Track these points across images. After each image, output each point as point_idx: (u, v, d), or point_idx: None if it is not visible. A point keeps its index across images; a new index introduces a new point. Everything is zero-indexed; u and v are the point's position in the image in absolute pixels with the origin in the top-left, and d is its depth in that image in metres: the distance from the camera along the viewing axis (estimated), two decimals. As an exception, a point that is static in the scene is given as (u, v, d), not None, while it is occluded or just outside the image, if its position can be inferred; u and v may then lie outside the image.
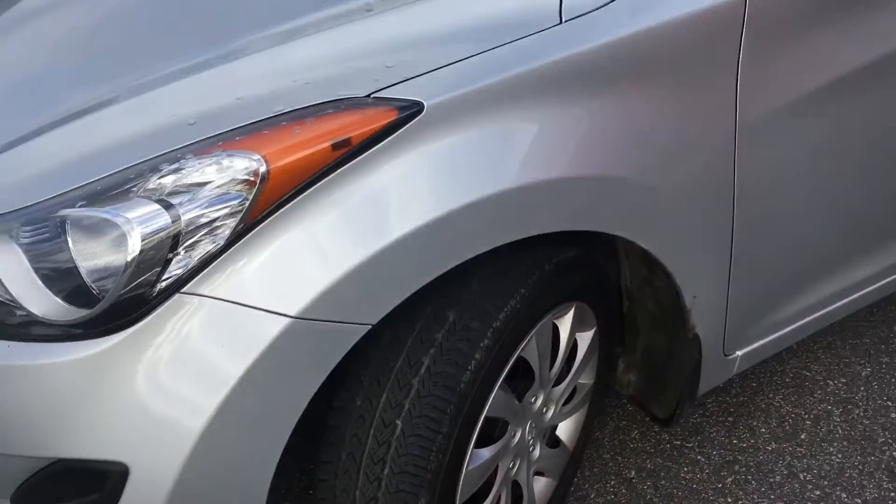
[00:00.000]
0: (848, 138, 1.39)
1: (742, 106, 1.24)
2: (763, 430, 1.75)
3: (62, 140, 1.09)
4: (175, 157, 0.99)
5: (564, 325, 1.33)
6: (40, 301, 1.01)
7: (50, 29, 1.52)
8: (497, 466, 1.31)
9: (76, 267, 1.00)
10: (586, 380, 1.50)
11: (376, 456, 1.11)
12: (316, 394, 1.05)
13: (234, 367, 0.98)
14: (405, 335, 1.12)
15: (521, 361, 1.25)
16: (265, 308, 0.98)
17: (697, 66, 1.19)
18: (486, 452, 1.24)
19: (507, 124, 1.08)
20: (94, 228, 0.99)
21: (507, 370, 1.18)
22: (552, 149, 1.11)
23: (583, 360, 1.43)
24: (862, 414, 1.78)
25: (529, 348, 1.23)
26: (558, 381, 1.40)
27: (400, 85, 1.03)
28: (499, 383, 1.17)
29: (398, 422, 1.09)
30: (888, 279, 1.71)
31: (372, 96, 1.02)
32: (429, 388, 1.09)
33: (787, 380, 1.88)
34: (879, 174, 1.49)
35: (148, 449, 1.01)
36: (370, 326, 1.03)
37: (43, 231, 1.02)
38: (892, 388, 1.84)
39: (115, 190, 0.99)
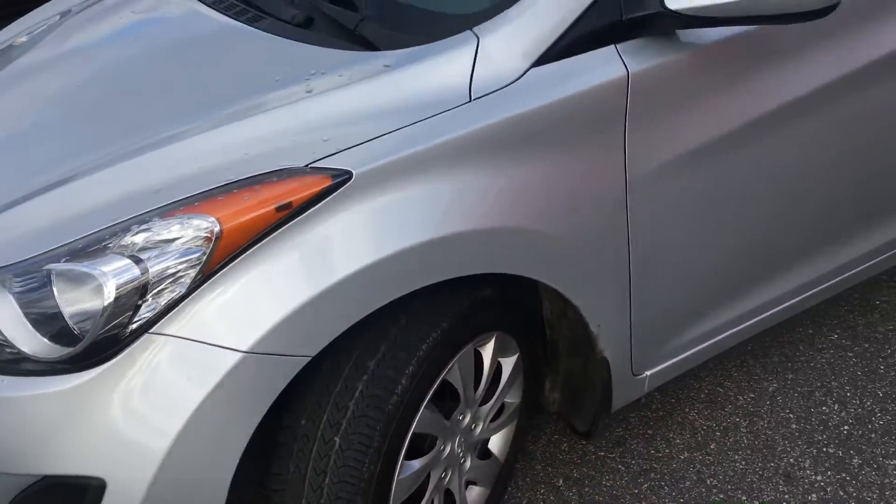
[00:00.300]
0: (729, 186, 1.61)
1: (630, 163, 1.46)
2: (678, 441, 1.96)
3: (50, 204, 1.28)
4: (144, 219, 1.19)
5: (487, 352, 1.54)
6: (30, 341, 1.20)
7: (38, 91, 1.71)
8: (429, 476, 1.50)
9: (60, 312, 1.19)
10: (513, 399, 1.70)
11: (318, 468, 1.30)
12: (271, 414, 1.25)
13: (193, 395, 1.17)
14: (343, 364, 1.32)
15: (447, 384, 1.46)
16: (220, 344, 1.17)
17: (590, 132, 1.41)
18: (416, 464, 1.44)
19: (429, 185, 1.29)
20: (76, 280, 1.19)
21: (431, 393, 1.38)
22: (468, 205, 1.32)
23: (507, 383, 1.63)
24: (766, 425, 1.99)
25: (453, 373, 1.43)
26: (485, 401, 1.61)
27: (334, 156, 1.24)
28: (424, 404, 1.37)
29: (336, 438, 1.29)
30: (786, 304, 1.93)
31: (309, 166, 1.23)
32: (362, 409, 1.29)
33: (703, 395, 2.10)
34: (760, 216, 1.70)
35: (122, 465, 1.20)
36: (309, 358, 1.22)
37: (32, 282, 1.21)
38: (794, 401, 2.06)
39: (94, 247, 1.18)
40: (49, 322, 1.20)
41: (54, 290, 1.20)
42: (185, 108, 1.40)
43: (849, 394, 2.08)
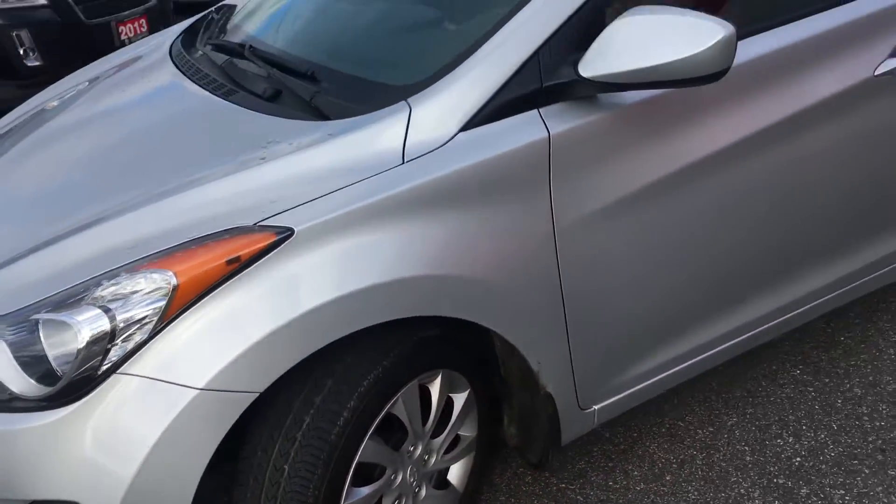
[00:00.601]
0: (655, 233, 1.74)
1: (557, 213, 1.61)
2: (636, 473, 2.07)
3: (40, 261, 1.47)
4: (114, 274, 1.38)
5: (434, 388, 1.68)
6: (19, 382, 1.39)
7: (48, 155, 1.93)
8: (381, 502, 1.64)
9: (46, 356, 1.38)
10: (468, 432, 1.84)
11: (270, 493, 1.45)
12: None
13: (155, 427, 1.34)
14: (294, 399, 1.47)
15: (395, 418, 1.60)
16: (178, 382, 1.34)
17: (517, 187, 1.56)
18: (365, 490, 1.58)
19: (366, 238, 1.45)
20: (58, 327, 1.37)
21: (375, 425, 1.52)
22: (403, 255, 1.48)
23: (459, 417, 1.77)
24: (721, 457, 2.09)
25: (398, 407, 1.58)
26: (437, 434, 1.74)
27: (279, 215, 1.42)
28: (368, 435, 1.51)
29: (286, 466, 1.44)
30: (734, 341, 2.04)
31: (258, 224, 1.41)
32: (308, 440, 1.44)
33: (664, 429, 2.20)
34: (691, 260, 1.83)
35: (94, 490, 1.36)
36: (257, 394, 1.38)
37: (22, 330, 1.40)
38: (751, 434, 2.15)
39: (71, 299, 1.37)
40: (36, 364, 1.39)
41: (41, 336, 1.38)
42: (160, 174, 1.60)
43: (804, 427, 2.16)
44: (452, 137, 1.53)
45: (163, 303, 1.35)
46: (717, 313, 1.98)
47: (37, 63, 5.13)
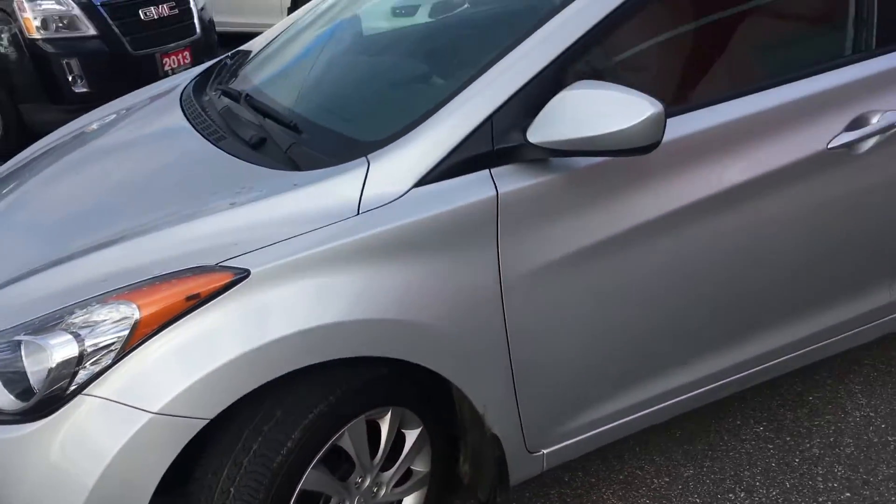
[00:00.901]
0: (602, 289, 1.83)
1: (504, 267, 1.72)
2: (588, 518, 2.15)
3: (22, 288, 1.64)
4: (85, 304, 1.53)
5: (384, 424, 1.79)
6: (1, 397, 1.54)
7: (70, 180, 2.13)
8: (327, 528, 1.75)
9: (27, 374, 1.53)
10: (421, 467, 1.94)
11: (216, 513, 1.58)
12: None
13: (113, 444, 1.48)
14: (245, 427, 1.60)
15: (343, 450, 1.72)
16: (135, 406, 1.48)
17: (465, 241, 1.68)
18: (309, 516, 1.70)
19: (318, 281, 1.59)
20: (36, 349, 1.53)
21: (319, 456, 1.64)
22: (353, 298, 1.60)
23: (410, 452, 1.87)
24: (672, 508, 2.16)
25: (345, 440, 1.70)
26: (388, 467, 1.85)
27: (239, 257, 1.56)
28: (311, 465, 1.63)
29: (232, 489, 1.57)
30: (688, 395, 2.12)
31: (219, 264, 1.55)
32: (253, 466, 1.57)
33: (622, 477, 2.27)
34: (638, 317, 1.91)
35: (58, 498, 1.50)
36: (207, 420, 1.52)
37: (7, 349, 1.56)
38: (705, 487, 2.21)
39: (47, 324, 1.53)
40: (18, 381, 1.54)
41: (23, 356, 1.54)
42: (140, 213, 1.76)
43: (758, 483, 2.21)
44: (406, 192, 1.66)
45: (126, 332, 1.50)
46: (671, 367, 2.06)
47: (84, 90, 5.45)
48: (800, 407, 2.49)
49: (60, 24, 5.52)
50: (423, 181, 1.67)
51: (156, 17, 5.97)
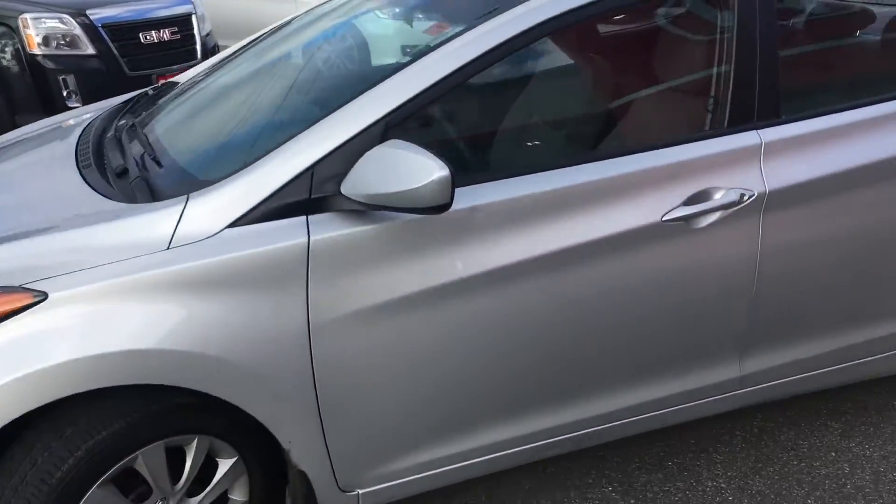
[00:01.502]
0: (416, 340, 1.90)
1: (313, 310, 1.79)
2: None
3: None
4: None
5: (190, 451, 1.87)
6: None
7: None
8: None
9: None
10: (239, 496, 2.01)
11: (-3, 523, 1.67)
12: None
13: None
14: (37, 441, 1.69)
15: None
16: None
17: (274, 282, 1.76)
18: (97, 534, 1.77)
19: (119, 308, 1.68)
20: None
21: (105, 477, 1.72)
22: (151, 328, 1.69)
23: (222, 481, 1.94)
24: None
25: (139, 464, 1.78)
26: (195, 493, 1.92)
27: (44, 280, 1.66)
28: (96, 484, 1.71)
29: (12, 500, 1.65)
30: (520, 448, 2.16)
31: (22, 286, 1.66)
32: (33, 479, 1.65)
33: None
34: (455, 367, 1.97)
35: None
36: (-9, 432, 1.61)
37: None
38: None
39: None
40: None
41: None
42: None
43: (587, 543, 2.24)
44: (218, 232, 1.75)
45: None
46: (496, 420, 2.11)
47: (76, 105, 5.70)
48: (657, 470, 2.51)
49: (62, 42, 5.80)
50: (237, 223, 1.77)
51: (156, 40, 6.23)
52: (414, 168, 1.67)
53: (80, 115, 2.82)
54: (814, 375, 2.45)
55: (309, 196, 1.80)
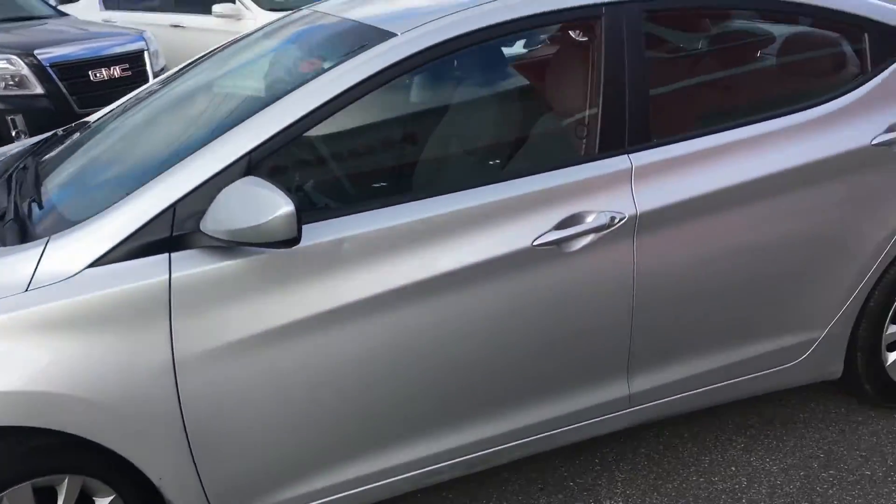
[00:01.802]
0: (288, 372, 1.92)
1: (177, 345, 1.82)
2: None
3: None
4: None
5: (61, 491, 1.88)
6: None
7: None
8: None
9: None
10: (121, 534, 2.02)
11: None
12: None
13: None
14: None
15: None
16: None
17: (136, 319, 1.79)
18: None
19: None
20: None
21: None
22: (14, 368, 1.72)
23: (98, 519, 1.96)
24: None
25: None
26: (73, 532, 1.94)
27: None
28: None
29: None
30: (405, 475, 2.17)
31: None
32: None
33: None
34: (327, 398, 2.00)
35: None
36: None
37: None
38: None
39: None
40: None
41: None
42: None
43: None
44: (78, 272, 1.78)
45: None
46: (377, 449, 2.12)
47: (25, 144, 5.74)
48: (558, 492, 2.53)
49: (10, 83, 5.86)
50: (98, 262, 1.80)
51: (106, 77, 6.30)
52: (262, 204, 1.71)
53: None
54: (705, 391, 2.49)
55: (171, 234, 1.83)
